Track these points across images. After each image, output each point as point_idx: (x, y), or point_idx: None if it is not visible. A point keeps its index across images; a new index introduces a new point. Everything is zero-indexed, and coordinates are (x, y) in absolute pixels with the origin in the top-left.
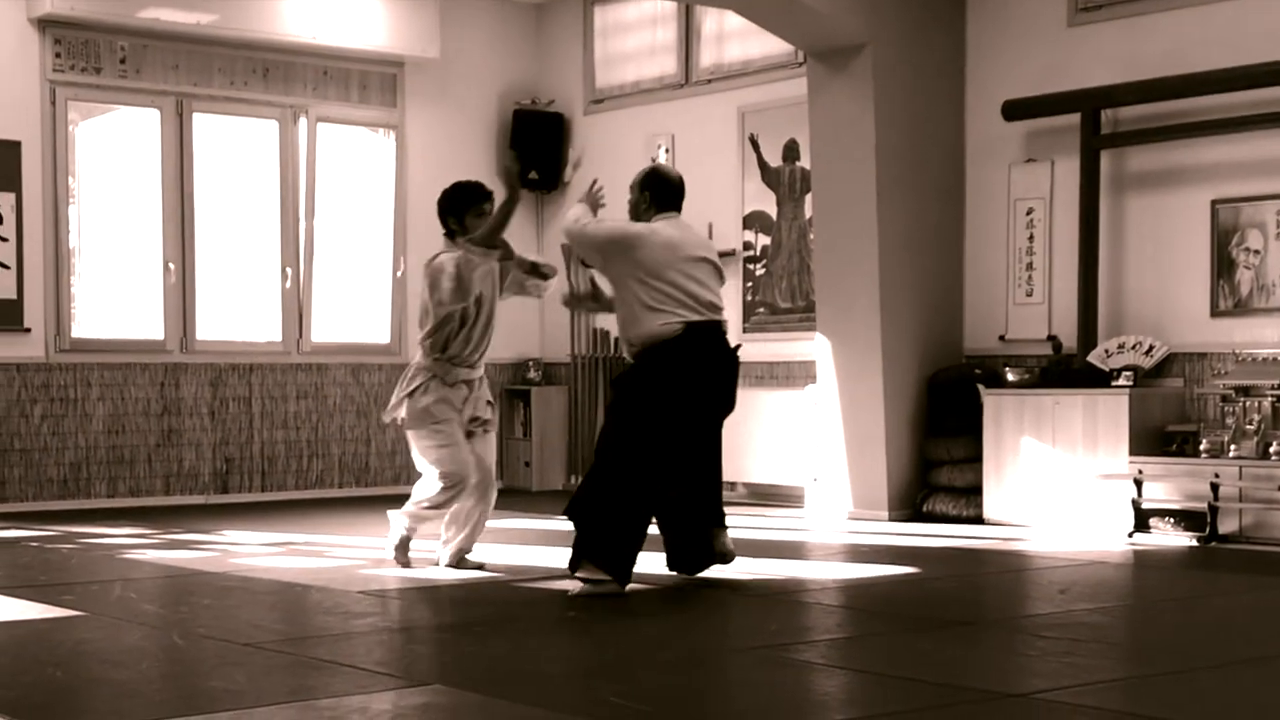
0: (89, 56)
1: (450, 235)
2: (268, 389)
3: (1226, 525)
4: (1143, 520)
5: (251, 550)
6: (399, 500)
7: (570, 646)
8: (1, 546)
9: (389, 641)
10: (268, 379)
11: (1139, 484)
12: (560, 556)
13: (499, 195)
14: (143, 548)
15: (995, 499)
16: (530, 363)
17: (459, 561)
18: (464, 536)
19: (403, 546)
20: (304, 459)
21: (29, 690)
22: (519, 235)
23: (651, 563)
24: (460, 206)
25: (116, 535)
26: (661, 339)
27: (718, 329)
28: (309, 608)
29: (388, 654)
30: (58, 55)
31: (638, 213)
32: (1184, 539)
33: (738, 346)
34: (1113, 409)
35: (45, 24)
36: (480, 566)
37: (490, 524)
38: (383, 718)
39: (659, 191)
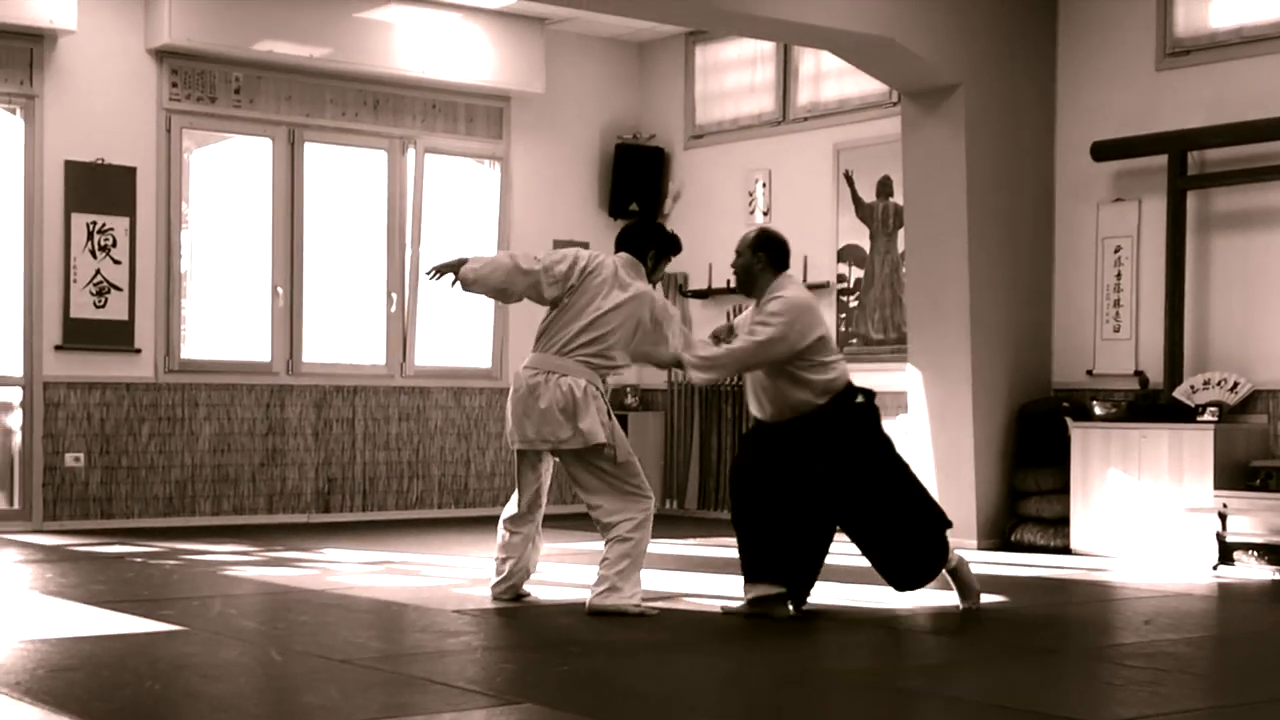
0: (204, 86)
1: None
2: (370, 411)
3: None
4: (1227, 553)
5: (350, 569)
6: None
7: (663, 668)
8: (106, 562)
9: (482, 660)
10: (371, 401)
11: (1223, 518)
12: (668, 580)
13: None
14: (244, 565)
15: (1082, 530)
16: (628, 389)
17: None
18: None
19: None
20: (404, 480)
21: (128, 703)
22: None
23: (738, 589)
24: (666, 252)
25: (219, 552)
26: (844, 385)
27: None
28: (404, 626)
29: (480, 672)
30: (174, 85)
31: (751, 274)
32: (1267, 572)
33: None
34: (1198, 443)
35: (163, 54)
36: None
37: (585, 547)
38: None
39: (775, 253)
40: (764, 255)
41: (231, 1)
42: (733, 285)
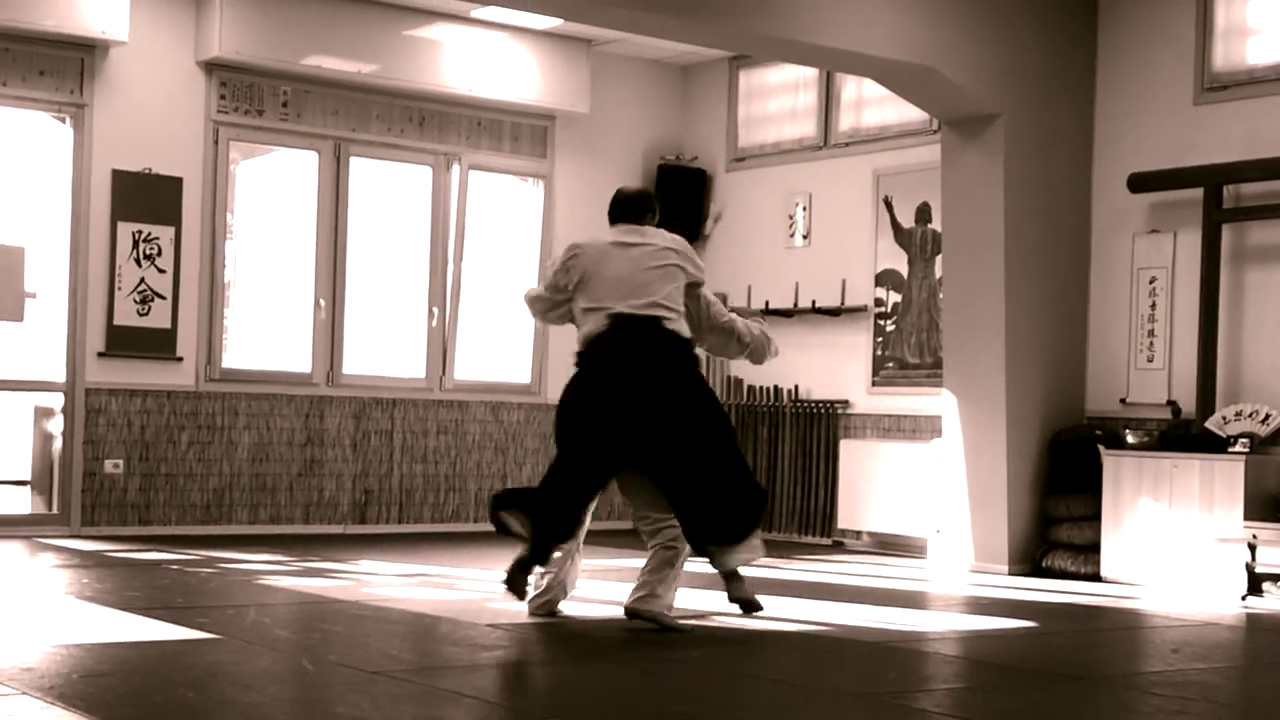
0: (252, 99)
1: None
2: (409, 424)
3: None
4: (1255, 584)
5: (385, 580)
6: None
7: (692, 685)
8: (143, 568)
9: (514, 675)
10: (409, 414)
11: (1253, 548)
12: (697, 599)
13: None
14: (279, 574)
15: (1113, 557)
16: None
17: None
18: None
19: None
20: (441, 493)
21: (160, 710)
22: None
23: (774, 607)
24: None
25: (255, 561)
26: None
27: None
28: (437, 638)
29: (511, 687)
30: (222, 97)
31: None
32: None
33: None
34: (1228, 474)
35: (212, 67)
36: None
37: (623, 564)
38: None
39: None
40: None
41: (281, 16)
42: (771, 306)
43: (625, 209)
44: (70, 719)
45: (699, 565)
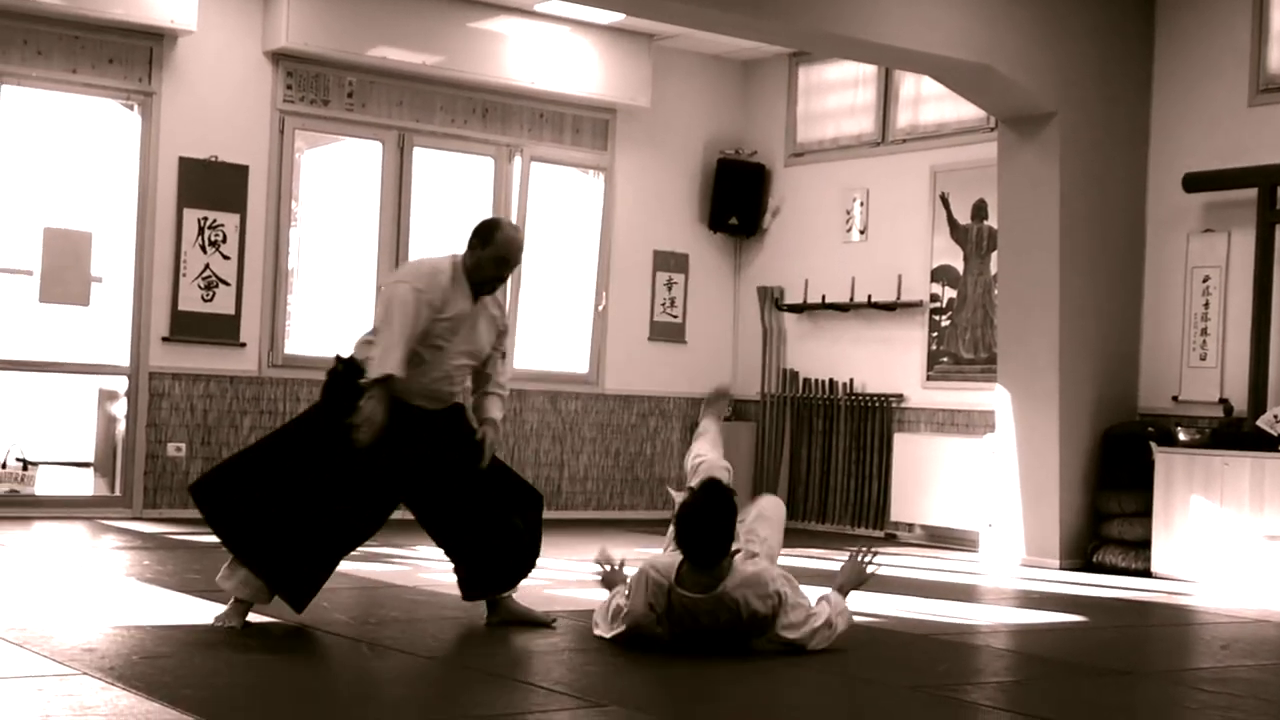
0: (318, 89)
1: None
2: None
3: None
4: None
5: (442, 566)
6: (590, 525)
7: (744, 676)
8: (203, 551)
9: (568, 661)
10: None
11: None
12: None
13: None
14: None
15: (1163, 553)
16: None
17: None
18: None
19: None
20: None
21: (220, 691)
22: (718, 281)
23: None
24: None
25: None
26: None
27: None
28: (493, 625)
29: (566, 673)
30: (289, 87)
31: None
32: None
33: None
34: (1279, 473)
35: (279, 57)
36: None
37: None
38: None
39: None
40: None
41: (347, 8)
42: (828, 300)
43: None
44: (130, 700)
45: None
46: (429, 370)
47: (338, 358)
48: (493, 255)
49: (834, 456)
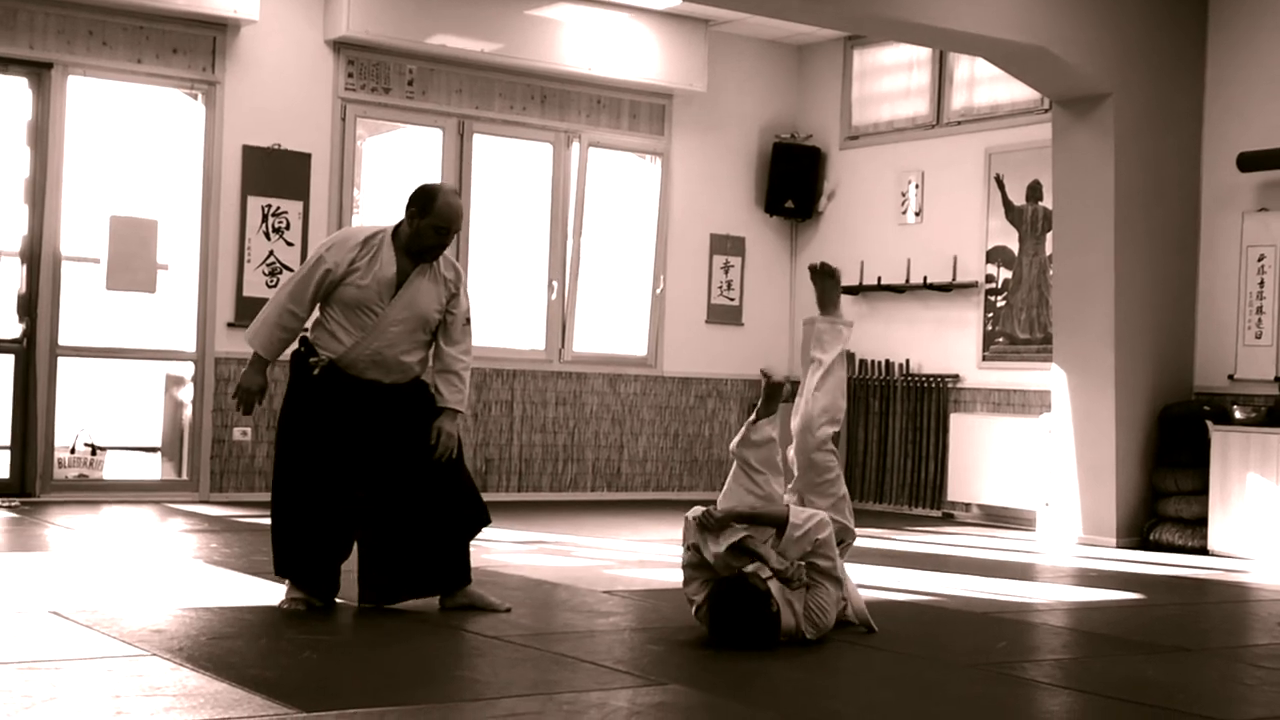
0: (379, 77)
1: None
2: (529, 395)
3: None
4: None
5: (504, 547)
6: (649, 505)
7: (806, 656)
8: (268, 534)
9: (629, 640)
10: (529, 385)
11: None
12: None
13: None
14: None
15: (1220, 531)
16: (786, 379)
17: None
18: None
19: None
20: (559, 462)
21: (284, 671)
22: (774, 263)
23: (884, 578)
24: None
25: None
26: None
27: None
28: (555, 605)
29: (628, 653)
30: (350, 75)
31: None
32: None
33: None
34: None
35: (340, 45)
36: None
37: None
38: (619, 714)
39: None
40: None
41: None
42: (884, 282)
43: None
44: (199, 680)
45: None
46: (369, 339)
47: (301, 337)
48: (432, 224)
49: (890, 437)
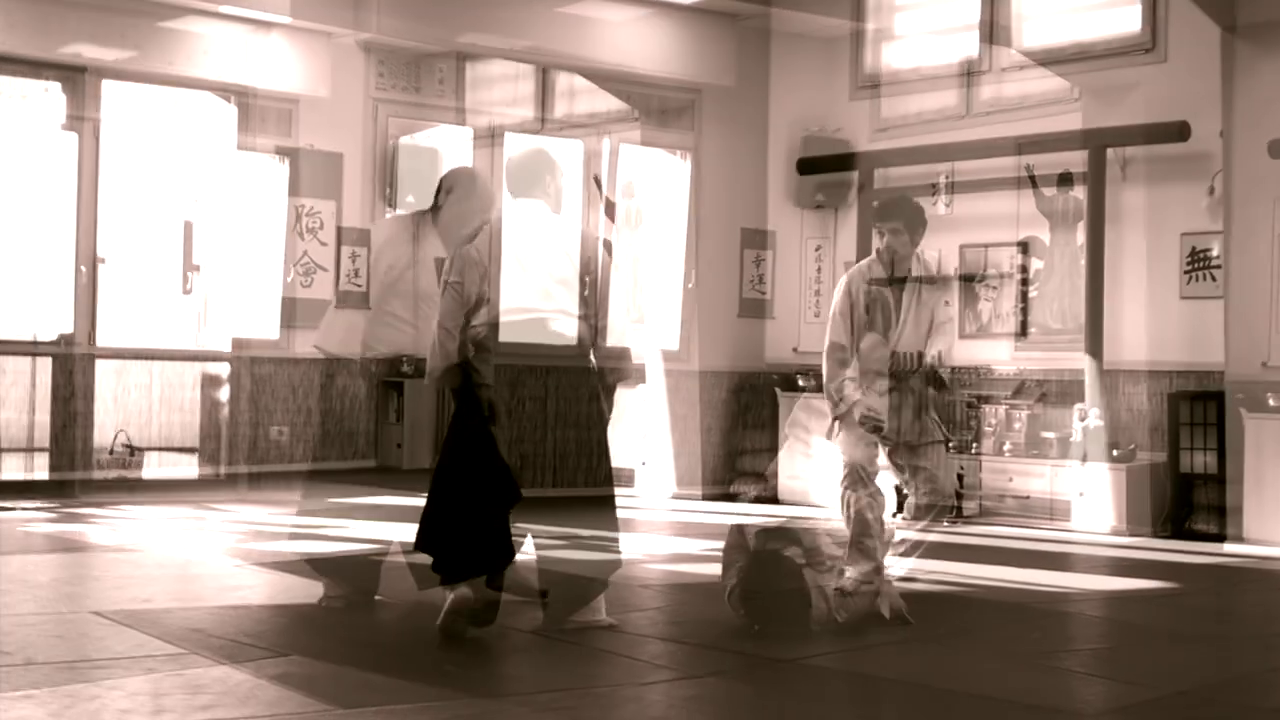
0: (410, 77)
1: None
2: (562, 390)
3: None
4: None
5: (539, 541)
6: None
7: (840, 645)
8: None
9: (666, 634)
10: (562, 381)
11: None
12: None
13: None
14: None
15: (1255, 519)
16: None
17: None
18: None
19: None
20: (593, 458)
21: (324, 669)
22: (804, 253)
23: (919, 567)
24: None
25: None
26: None
27: None
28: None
29: (664, 647)
30: (381, 75)
31: None
32: None
33: None
34: None
35: (371, 46)
36: None
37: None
38: (656, 706)
39: None
40: None
41: None
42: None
43: None
44: (239, 677)
45: None
46: None
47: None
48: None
49: None
